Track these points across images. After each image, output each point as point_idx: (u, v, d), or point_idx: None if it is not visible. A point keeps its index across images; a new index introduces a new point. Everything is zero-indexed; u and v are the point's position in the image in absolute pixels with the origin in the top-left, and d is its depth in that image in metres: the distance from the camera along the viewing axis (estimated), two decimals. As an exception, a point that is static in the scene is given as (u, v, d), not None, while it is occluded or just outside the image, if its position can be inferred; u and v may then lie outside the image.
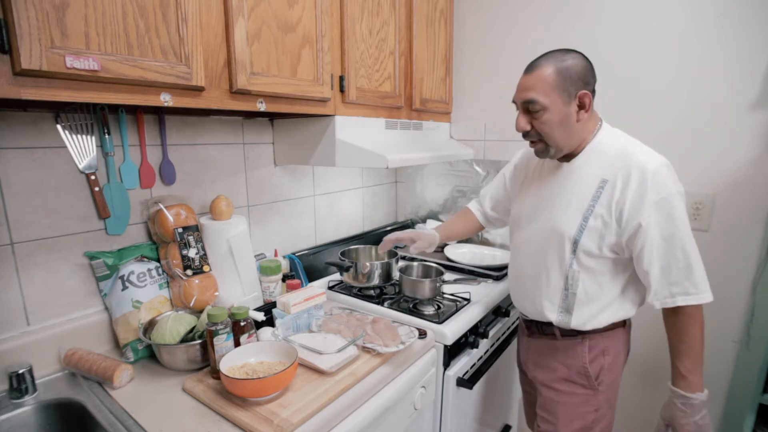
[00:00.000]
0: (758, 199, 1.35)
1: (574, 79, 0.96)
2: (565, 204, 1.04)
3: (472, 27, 1.85)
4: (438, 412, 1.28)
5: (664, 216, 0.94)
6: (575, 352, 1.11)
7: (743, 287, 1.41)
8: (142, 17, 0.80)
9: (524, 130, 1.04)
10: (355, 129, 1.38)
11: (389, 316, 1.25)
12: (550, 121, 0.99)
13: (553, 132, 1.00)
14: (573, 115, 0.99)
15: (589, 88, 0.99)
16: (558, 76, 0.96)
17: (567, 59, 0.97)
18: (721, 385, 1.48)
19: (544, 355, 1.18)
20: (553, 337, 1.14)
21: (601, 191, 0.99)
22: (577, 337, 1.10)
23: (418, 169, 2.12)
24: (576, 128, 1.01)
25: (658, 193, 0.93)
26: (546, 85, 0.97)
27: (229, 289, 1.20)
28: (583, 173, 1.03)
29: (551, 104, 0.97)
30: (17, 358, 0.93)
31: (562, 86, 0.96)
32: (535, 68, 0.99)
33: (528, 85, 0.99)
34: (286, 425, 0.80)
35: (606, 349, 1.09)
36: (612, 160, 0.99)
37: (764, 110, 1.32)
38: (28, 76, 0.68)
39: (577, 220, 1.01)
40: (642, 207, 0.94)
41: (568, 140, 1.02)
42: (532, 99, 0.98)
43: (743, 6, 1.31)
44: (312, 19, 1.15)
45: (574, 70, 0.96)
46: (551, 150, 1.03)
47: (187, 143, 1.25)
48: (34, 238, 0.98)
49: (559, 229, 1.04)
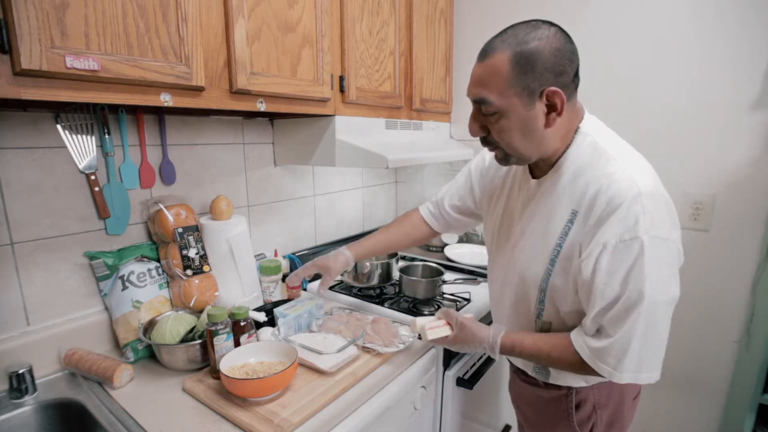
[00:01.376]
0: (758, 199, 1.35)
1: (538, 71, 0.71)
2: (530, 242, 0.84)
3: (472, 27, 1.85)
4: (438, 412, 1.28)
5: (617, 264, 0.70)
6: (559, 406, 0.92)
7: (743, 287, 1.41)
8: (142, 17, 0.80)
9: (478, 135, 0.81)
10: (355, 129, 1.38)
11: (389, 316, 1.25)
12: (507, 128, 0.76)
13: (512, 140, 0.77)
14: (539, 119, 0.75)
15: (564, 79, 0.73)
16: (516, 67, 0.71)
17: (531, 40, 0.71)
18: (721, 385, 1.48)
19: (528, 403, 1.02)
20: (536, 383, 0.96)
21: (570, 226, 0.77)
22: (562, 389, 0.91)
23: (418, 169, 2.12)
24: (545, 135, 0.77)
25: (619, 234, 0.70)
26: (500, 80, 0.72)
27: (229, 289, 1.20)
28: (554, 199, 0.81)
29: (508, 107, 0.74)
30: (17, 358, 0.93)
31: (520, 81, 0.71)
32: (488, 54, 0.74)
33: (479, 79, 0.75)
34: (286, 425, 0.80)
35: (599, 404, 0.89)
36: (585, 181, 0.76)
37: (764, 110, 1.32)
38: (28, 76, 0.68)
39: (543, 263, 0.81)
40: (590, 244, 0.73)
41: (534, 149, 0.79)
42: (483, 99, 0.75)
43: (743, 6, 1.31)
44: (312, 19, 1.15)
45: (539, 58, 0.70)
46: (512, 159, 0.81)
47: (187, 143, 1.25)
48: (34, 238, 0.98)
49: (522, 273, 0.86)
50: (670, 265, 0.73)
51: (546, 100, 0.73)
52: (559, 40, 0.73)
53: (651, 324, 0.72)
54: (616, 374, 0.74)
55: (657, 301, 0.71)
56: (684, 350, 1.53)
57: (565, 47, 0.73)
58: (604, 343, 0.74)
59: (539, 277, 0.83)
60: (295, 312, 1.14)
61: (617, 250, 0.70)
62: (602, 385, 0.89)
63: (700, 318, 1.49)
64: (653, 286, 0.70)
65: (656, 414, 1.63)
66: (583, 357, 0.77)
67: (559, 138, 0.79)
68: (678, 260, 0.74)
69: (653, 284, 0.70)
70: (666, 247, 0.71)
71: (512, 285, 0.90)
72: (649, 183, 0.73)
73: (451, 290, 1.45)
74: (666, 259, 0.71)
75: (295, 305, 1.18)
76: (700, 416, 1.53)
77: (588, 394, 0.89)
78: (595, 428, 0.90)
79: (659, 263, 0.70)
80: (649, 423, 1.63)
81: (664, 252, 0.71)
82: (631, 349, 0.73)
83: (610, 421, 0.91)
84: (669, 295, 0.73)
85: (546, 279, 0.82)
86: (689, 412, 1.55)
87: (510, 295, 0.92)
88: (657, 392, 1.61)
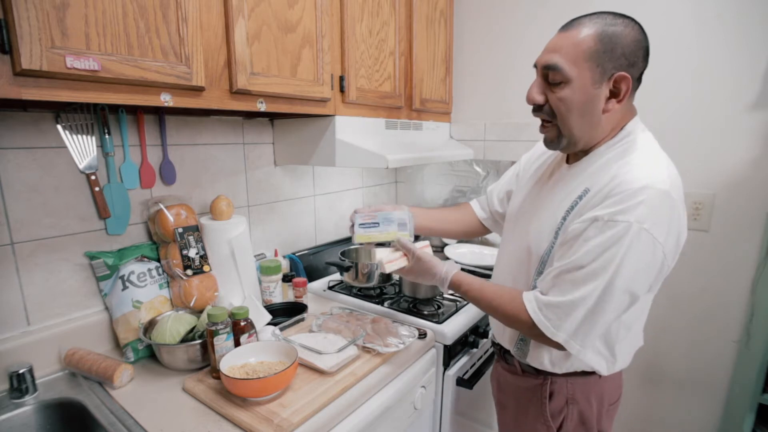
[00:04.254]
0: (758, 199, 1.35)
1: (616, 54, 0.73)
2: (544, 216, 0.87)
3: (472, 27, 1.85)
4: (438, 412, 1.28)
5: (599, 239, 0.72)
6: (534, 394, 0.94)
7: (743, 287, 1.41)
8: (142, 17, 0.80)
9: (535, 103, 0.81)
10: (355, 129, 1.38)
11: (389, 316, 1.25)
12: (568, 99, 0.76)
13: (569, 114, 0.78)
14: (600, 100, 0.76)
15: (634, 71, 0.75)
16: (598, 43, 0.73)
17: (617, 24, 0.74)
18: (721, 385, 1.48)
19: (505, 391, 1.04)
20: (514, 371, 0.99)
21: (578, 201, 0.80)
22: (538, 377, 0.93)
23: (418, 169, 2.12)
24: (600, 120, 0.78)
25: (612, 213, 0.71)
26: (578, 50, 0.74)
27: (229, 289, 1.20)
28: (576, 182, 0.83)
29: (577, 77, 0.75)
30: (18, 358, 0.93)
31: (597, 58, 0.73)
32: (574, 26, 0.76)
33: (556, 46, 0.77)
34: (286, 425, 0.80)
35: (572, 398, 0.90)
36: (609, 169, 0.78)
37: (764, 110, 1.32)
38: (28, 76, 0.68)
39: (549, 237, 0.84)
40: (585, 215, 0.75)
41: (586, 131, 0.79)
42: (554, 64, 0.76)
43: (743, 6, 1.31)
44: (312, 20, 1.15)
45: (621, 41, 0.73)
46: (564, 140, 0.82)
47: (188, 143, 1.25)
48: (34, 238, 0.98)
49: (530, 244, 0.88)
50: (648, 264, 0.73)
51: (612, 85, 0.75)
52: (640, 33, 0.75)
53: (602, 302, 0.73)
54: (551, 329, 0.77)
55: (617, 286, 0.72)
56: (684, 350, 1.53)
57: (643, 42, 0.76)
58: (553, 300, 0.77)
59: (542, 250, 0.85)
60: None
61: (606, 226, 0.72)
62: (576, 379, 0.90)
63: (699, 317, 1.49)
64: (622, 273, 0.71)
65: (656, 414, 1.63)
66: (528, 308, 0.81)
67: (608, 128, 0.80)
68: (661, 267, 0.74)
69: (622, 272, 0.71)
70: (651, 246, 0.71)
71: (518, 256, 0.92)
72: (665, 183, 0.72)
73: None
74: (646, 257, 0.72)
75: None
76: (700, 416, 1.53)
77: (562, 385, 0.91)
78: (565, 422, 0.92)
79: (637, 256, 0.71)
80: (649, 423, 1.63)
81: (647, 249, 0.71)
82: (574, 314, 0.75)
83: (581, 420, 0.92)
84: (631, 289, 0.74)
85: (548, 251, 0.84)
86: (689, 412, 1.55)
87: (512, 269, 0.95)
88: (657, 392, 1.61)
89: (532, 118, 0.87)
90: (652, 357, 1.57)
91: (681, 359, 1.54)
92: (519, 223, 0.96)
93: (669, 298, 1.50)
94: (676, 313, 1.52)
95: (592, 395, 0.91)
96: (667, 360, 1.57)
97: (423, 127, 1.74)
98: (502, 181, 1.18)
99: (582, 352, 0.77)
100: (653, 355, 1.57)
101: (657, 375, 1.59)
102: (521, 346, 0.94)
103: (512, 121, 1.78)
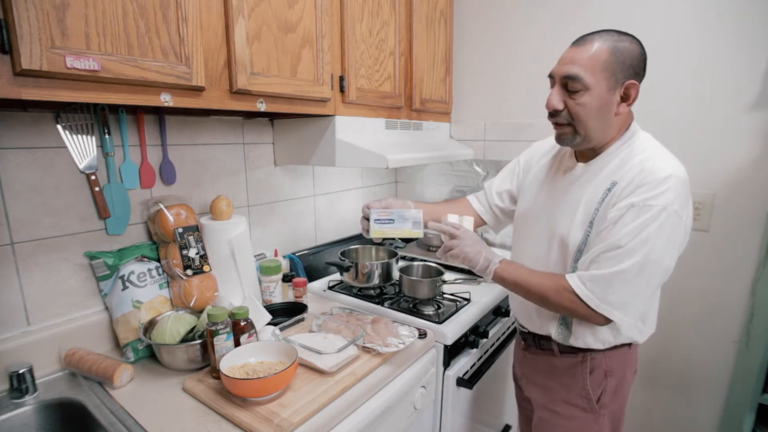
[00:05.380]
0: (758, 199, 1.35)
1: (626, 65, 0.86)
2: (573, 209, 0.95)
3: (472, 27, 1.85)
4: (438, 412, 1.28)
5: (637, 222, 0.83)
6: (575, 372, 1.01)
7: (743, 287, 1.41)
8: (142, 17, 0.80)
9: (555, 109, 0.91)
10: (355, 129, 1.38)
11: (389, 316, 1.25)
12: (588, 105, 0.87)
13: (588, 118, 0.89)
14: (614, 104, 0.88)
15: (638, 79, 0.89)
16: (611, 56, 0.85)
17: (624, 41, 0.86)
18: (721, 385, 1.48)
19: (541, 372, 1.09)
20: (551, 354, 1.05)
21: (608, 193, 0.90)
22: (578, 355, 1.01)
23: (418, 169, 2.12)
24: (612, 121, 0.90)
25: (645, 198, 0.84)
26: (595, 62, 0.85)
27: (229, 289, 1.20)
28: (598, 176, 0.94)
29: (595, 85, 0.86)
30: (18, 358, 0.93)
31: (611, 69, 0.85)
32: (587, 41, 0.88)
33: (574, 58, 0.87)
34: (286, 425, 0.80)
35: (609, 371, 0.99)
36: (630, 166, 0.90)
37: (764, 110, 1.32)
38: (28, 76, 0.68)
39: (583, 227, 0.93)
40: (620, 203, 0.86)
41: (600, 132, 0.91)
42: (575, 75, 0.86)
43: (743, 6, 1.31)
44: (312, 20, 1.15)
45: (630, 55, 0.86)
46: (578, 138, 0.92)
47: (188, 143, 1.25)
48: (34, 238, 0.98)
49: (564, 235, 0.96)
50: (677, 241, 0.85)
51: (623, 92, 0.87)
52: (641, 48, 0.89)
53: (641, 276, 0.84)
54: (595, 301, 0.87)
55: (655, 260, 0.84)
56: (684, 350, 1.53)
57: (644, 55, 0.89)
58: (596, 273, 0.87)
59: (579, 240, 0.93)
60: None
61: (641, 210, 0.83)
62: (613, 352, 0.99)
63: (699, 317, 1.49)
64: (656, 247, 0.83)
65: (656, 414, 1.63)
66: (572, 285, 0.89)
67: (617, 129, 0.93)
68: (684, 242, 0.88)
69: (657, 247, 0.83)
70: (679, 225, 0.84)
71: (551, 247, 0.99)
72: (683, 172, 0.87)
73: (451, 290, 1.45)
74: (676, 235, 0.84)
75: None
76: (700, 416, 1.53)
77: (601, 360, 0.99)
78: (603, 394, 1.00)
79: (669, 234, 0.83)
80: (649, 422, 1.63)
81: (676, 228, 0.84)
82: (617, 286, 0.85)
83: (615, 389, 1.01)
84: (665, 263, 0.85)
85: (584, 240, 0.93)
86: (689, 412, 1.55)
87: (545, 260, 1.01)
88: (657, 392, 1.61)
89: (532, 118, 0.89)
90: (653, 357, 1.57)
91: (681, 359, 1.54)
92: (540, 220, 1.03)
93: (669, 298, 1.50)
94: (676, 312, 1.52)
95: (625, 366, 1.01)
96: (667, 360, 1.57)
97: (423, 127, 1.74)
98: (499, 178, 1.23)
99: (625, 322, 0.88)
100: (653, 355, 1.57)
101: (657, 375, 1.59)
102: (562, 330, 1.00)
103: (512, 121, 1.78)
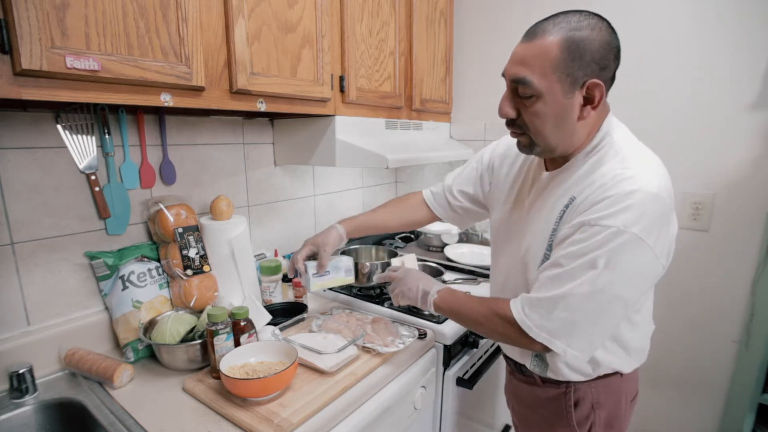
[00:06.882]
0: (758, 199, 1.35)
1: (585, 60, 0.69)
2: (535, 228, 0.83)
3: (472, 27, 1.85)
4: (438, 412, 1.28)
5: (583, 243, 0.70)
6: (558, 404, 0.90)
7: (743, 287, 1.41)
8: (142, 17, 0.80)
9: (507, 117, 0.78)
10: (355, 129, 1.38)
11: (389, 316, 1.25)
12: (542, 113, 0.74)
13: (544, 127, 0.75)
14: (575, 109, 0.73)
15: (606, 74, 0.72)
16: (564, 51, 0.69)
17: (583, 28, 0.69)
18: (721, 385, 1.48)
19: (524, 403, 1.00)
20: (533, 382, 0.95)
21: (565, 210, 0.77)
22: (560, 386, 0.89)
23: (418, 169, 2.12)
24: (576, 127, 0.76)
25: (598, 217, 0.69)
26: (545, 62, 0.70)
27: (229, 289, 1.20)
28: (562, 191, 0.80)
29: (548, 90, 0.71)
30: (17, 358, 0.93)
31: (565, 68, 0.70)
32: (537, 34, 0.72)
33: (522, 58, 0.73)
34: (286, 425, 0.80)
35: (597, 402, 0.88)
36: (594, 177, 0.75)
37: (764, 110, 1.32)
38: (28, 76, 0.68)
39: (542, 248, 0.81)
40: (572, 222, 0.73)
41: (562, 140, 0.77)
42: (522, 79, 0.72)
43: (743, 6, 1.31)
44: (312, 20, 1.15)
45: (589, 47, 0.69)
46: (537, 149, 0.80)
47: (188, 143, 1.25)
48: (34, 238, 0.98)
49: (525, 258, 0.85)
50: (640, 268, 0.71)
51: (585, 92, 0.72)
52: (609, 34, 0.71)
53: (588, 304, 0.71)
54: (534, 330, 0.75)
55: (606, 289, 0.70)
56: (684, 350, 1.53)
57: (613, 42, 0.72)
58: (534, 296, 0.76)
59: (539, 261, 0.82)
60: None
61: (591, 231, 0.70)
62: (599, 382, 0.88)
63: (699, 318, 1.49)
64: (607, 275, 0.69)
65: (656, 414, 1.63)
66: (512, 308, 0.79)
67: (585, 133, 0.78)
68: (653, 270, 0.73)
69: (608, 274, 0.69)
70: (641, 250, 0.69)
71: (514, 271, 0.89)
72: (653, 185, 0.70)
73: (451, 290, 1.45)
74: (636, 261, 0.69)
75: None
76: (700, 416, 1.53)
77: (586, 391, 0.88)
78: (593, 428, 0.89)
79: (627, 261, 0.69)
80: (648, 423, 1.63)
81: (637, 253, 0.69)
82: (556, 312, 0.72)
83: (608, 421, 0.90)
84: (624, 294, 0.71)
85: (543, 262, 0.81)
86: (689, 412, 1.55)
87: (511, 285, 0.91)
88: (657, 392, 1.61)
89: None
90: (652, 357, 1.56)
91: (681, 359, 1.54)
92: (511, 237, 0.92)
93: (669, 298, 1.50)
94: (676, 313, 1.52)
95: (617, 395, 0.89)
96: (667, 360, 1.57)
97: (423, 127, 1.74)
98: (463, 175, 1.12)
99: (570, 353, 0.73)
100: (653, 355, 1.56)
101: (657, 375, 1.59)
102: (537, 362, 0.90)
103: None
